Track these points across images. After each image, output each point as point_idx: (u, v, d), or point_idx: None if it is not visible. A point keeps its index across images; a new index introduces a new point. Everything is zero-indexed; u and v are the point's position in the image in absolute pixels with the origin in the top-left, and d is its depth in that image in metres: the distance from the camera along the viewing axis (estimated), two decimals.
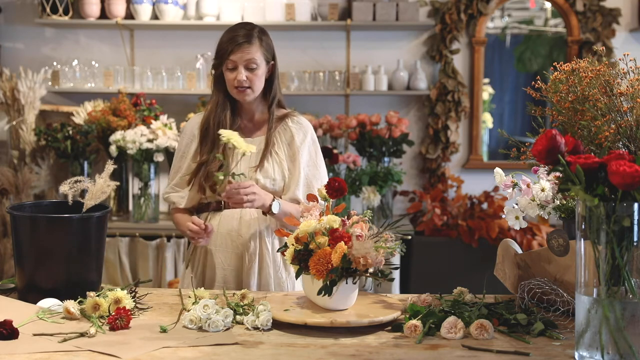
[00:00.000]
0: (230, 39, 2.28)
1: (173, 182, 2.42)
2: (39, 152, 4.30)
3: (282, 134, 2.36)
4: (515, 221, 1.94)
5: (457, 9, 4.56)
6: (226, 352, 1.54)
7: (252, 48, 2.27)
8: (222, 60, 2.30)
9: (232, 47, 2.26)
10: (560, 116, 1.73)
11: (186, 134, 2.42)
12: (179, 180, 2.40)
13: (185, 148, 2.40)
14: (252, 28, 2.32)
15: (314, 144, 2.40)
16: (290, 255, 1.82)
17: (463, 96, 4.55)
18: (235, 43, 2.26)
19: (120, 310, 1.71)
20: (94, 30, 4.69)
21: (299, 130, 2.37)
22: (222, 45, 2.30)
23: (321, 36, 4.63)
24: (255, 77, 2.29)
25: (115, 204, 4.31)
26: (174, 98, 4.60)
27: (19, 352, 1.52)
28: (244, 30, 2.30)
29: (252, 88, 2.30)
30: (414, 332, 1.65)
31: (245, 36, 2.28)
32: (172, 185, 2.42)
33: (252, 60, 2.27)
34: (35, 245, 1.90)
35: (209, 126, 2.34)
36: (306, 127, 2.39)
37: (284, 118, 2.39)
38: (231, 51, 2.26)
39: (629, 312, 1.41)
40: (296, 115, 2.41)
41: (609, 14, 4.53)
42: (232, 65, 2.28)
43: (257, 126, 2.40)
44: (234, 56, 2.27)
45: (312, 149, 2.39)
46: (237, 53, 2.26)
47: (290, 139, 2.35)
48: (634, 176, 1.35)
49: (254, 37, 2.28)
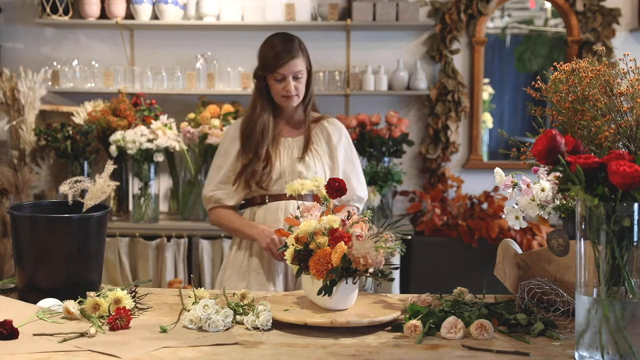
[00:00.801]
0: (277, 54, 2.49)
1: (217, 180, 2.61)
2: (39, 152, 4.30)
3: (320, 134, 2.63)
4: (515, 221, 1.94)
5: (457, 9, 4.56)
6: (226, 352, 1.54)
7: (298, 60, 2.50)
8: (270, 73, 2.51)
9: (281, 62, 2.48)
10: (560, 116, 1.73)
11: (228, 135, 2.65)
12: (223, 178, 2.60)
13: (228, 147, 2.62)
14: (294, 40, 2.54)
15: (348, 142, 2.67)
16: (290, 255, 1.82)
17: (463, 96, 4.55)
18: (283, 58, 2.48)
19: (120, 310, 1.71)
20: (94, 30, 4.69)
21: (335, 131, 2.65)
22: (269, 59, 2.50)
23: (321, 36, 4.63)
24: (301, 85, 2.54)
25: (115, 204, 4.31)
26: (174, 98, 4.60)
27: (19, 352, 1.52)
28: (289, 44, 2.51)
29: (299, 95, 2.55)
30: (414, 332, 1.65)
31: (292, 50, 2.50)
32: (217, 183, 2.61)
33: (299, 72, 2.52)
34: (35, 245, 1.90)
35: (253, 130, 2.55)
36: (341, 127, 2.68)
37: (320, 120, 2.66)
38: (280, 65, 2.48)
39: (629, 312, 1.41)
40: (331, 118, 2.69)
41: (609, 14, 4.53)
42: (281, 77, 2.50)
43: (295, 127, 2.64)
44: (283, 70, 2.49)
45: (347, 147, 2.66)
46: (285, 67, 2.48)
47: (328, 138, 2.62)
48: (634, 176, 1.35)
49: (298, 50, 2.51)
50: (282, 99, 2.54)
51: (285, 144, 2.60)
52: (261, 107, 2.57)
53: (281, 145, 2.60)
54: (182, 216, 4.29)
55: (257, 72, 2.57)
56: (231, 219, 2.60)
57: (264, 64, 2.53)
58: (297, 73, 2.51)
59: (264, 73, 2.53)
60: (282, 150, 2.59)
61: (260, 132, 2.55)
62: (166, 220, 4.30)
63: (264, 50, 2.56)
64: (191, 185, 4.26)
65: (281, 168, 2.56)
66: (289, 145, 2.60)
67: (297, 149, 2.59)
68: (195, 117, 4.21)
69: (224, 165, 2.61)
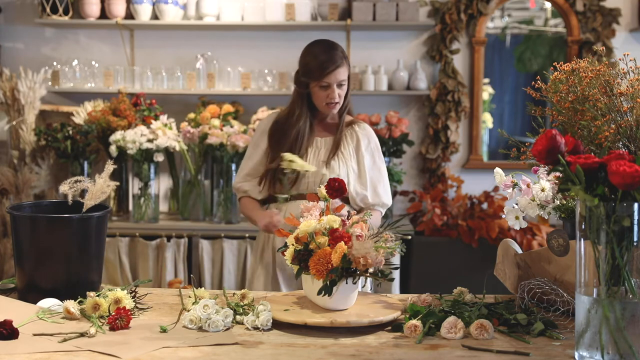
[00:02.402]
0: (323, 63, 2.51)
1: (245, 171, 2.67)
2: (39, 152, 4.30)
3: (349, 138, 2.65)
4: (515, 221, 1.94)
5: (457, 9, 4.56)
6: (226, 352, 1.54)
7: (342, 69, 2.54)
8: (315, 81, 2.53)
9: (327, 71, 2.51)
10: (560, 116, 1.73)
11: (260, 128, 2.70)
12: (251, 170, 2.67)
13: (258, 140, 2.68)
14: (336, 47, 2.56)
15: (377, 148, 2.69)
16: (290, 255, 1.82)
17: (463, 96, 4.55)
18: (329, 67, 2.51)
19: (120, 310, 1.71)
20: (94, 30, 4.69)
21: (365, 136, 2.66)
22: (314, 67, 2.52)
23: (321, 36, 4.56)
24: (343, 92, 2.58)
25: (115, 204, 4.31)
26: (174, 98, 4.60)
27: (19, 352, 1.52)
28: (332, 52, 2.54)
29: (340, 102, 2.59)
30: (414, 332, 1.65)
31: (336, 59, 2.52)
32: (245, 175, 2.67)
33: (343, 80, 2.55)
34: (35, 245, 1.89)
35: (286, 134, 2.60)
36: (370, 133, 2.69)
37: (351, 124, 2.68)
38: (326, 74, 2.51)
39: (629, 312, 1.41)
40: (362, 123, 2.71)
41: (609, 14, 4.53)
42: (326, 85, 2.53)
43: (326, 128, 2.68)
44: (328, 78, 2.52)
45: (375, 153, 2.68)
46: (331, 75, 2.52)
47: (357, 143, 2.64)
48: (634, 176, 1.35)
49: (342, 58, 2.54)
50: (324, 106, 2.58)
51: (314, 143, 2.63)
52: (300, 112, 2.60)
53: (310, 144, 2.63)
54: (182, 216, 4.29)
55: (299, 78, 2.59)
56: (248, 207, 2.65)
57: (308, 71, 2.55)
58: (341, 82, 2.55)
59: (309, 80, 2.56)
60: (309, 150, 2.61)
61: (295, 137, 2.58)
62: (166, 220, 4.30)
63: (308, 58, 2.57)
64: (191, 185, 4.26)
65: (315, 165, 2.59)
66: (317, 146, 2.63)
67: (325, 150, 2.62)
68: (195, 117, 4.21)
69: (253, 157, 2.67)
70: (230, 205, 4.15)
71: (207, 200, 4.26)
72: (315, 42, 2.61)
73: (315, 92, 2.56)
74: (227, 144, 4.06)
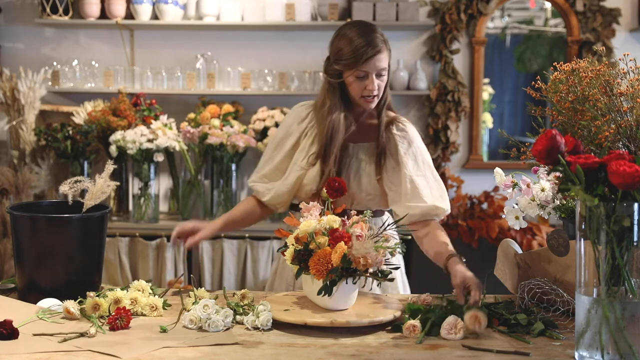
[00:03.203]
0: (360, 48, 2.09)
1: (263, 172, 2.30)
2: (39, 152, 4.30)
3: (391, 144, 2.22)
4: (515, 221, 1.94)
5: (457, 9, 4.56)
6: (226, 352, 1.54)
7: (382, 55, 2.11)
8: (350, 68, 2.12)
9: (365, 57, 2.08)
10: (560, 116, 1.73)
11: (285, 125, 2.30)
12: (269, 172, 2.29)
13: (281, 140, 2.29)
14: (375, 30, 2.14)
15: (418, 150, 2.23)
16: (290, 255, 1.82)
17: (463, 96, 4.55)
18: (367, 53, 2.09)
19: (120, 310, 1.71)
20: (94, 30, 4.68)
21: (403, 139, 2.22)
22: (349, 53, 2.10)
23: (321, 36, 4.61)
24: (383, 83, 2.16)
25: (115, 204, 4.31)
26: (174, 98, 4.59)
27: (19, 352, 1.52)
28: (371, 35, 2.11)
29: (379, 95, 2.17)
30: (413, 332, 1.65)
31: (377, 43, 2.10)
32: (261, 176, 2.31)
33: (383, 68, 2.13)
34: (35, 245, 1.90)
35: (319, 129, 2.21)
36: (411, 135, 2.24)
37: (390, 125, 2.24)
38: (364, 60, 2.09)
39: (629, 312, 1.41)
40: (401, 122, 2.26)
41: (609, 14, 4.53)
42: (363, 75, 2.12)
43: (363, 131, 2.24)
44: (367, 66, 2.10)
45: (417, 157, 2.22)
46: (370, 63, 2.10)
47: (394, 149, 2.20)
48: (634, 176, 1.35)
49: (382, 42, 2.12)
50: (361, 100, 2.15)
51: (350, 150, 2.22)
52: (331, 105, 2.18)
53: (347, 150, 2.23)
54: (182, 216, 4.29)
55: (330, 66, 2.18)
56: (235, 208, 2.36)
57: (341, 58, 2.12)
58: (381, 71, 2.12)
59: (344, 68, 2.13)
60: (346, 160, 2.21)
61: (330, 133, 2.16)
62: (166, 220, 4.29)
63: (341, 42, 2.14)
64: (191, 185, 4.26)
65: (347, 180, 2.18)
66: (354, 153, 2.23)
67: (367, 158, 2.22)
68: (195, 117, 4.21)
69: (274, 159, 2.28)
70: (230, 206, 4.14)
71: (207, 200, 4.26)
72: (350, 24, 2.18)
73: (350, 82, 2.14)
74: (227, 144, 4.06)
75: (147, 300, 1.82)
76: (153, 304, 1.82)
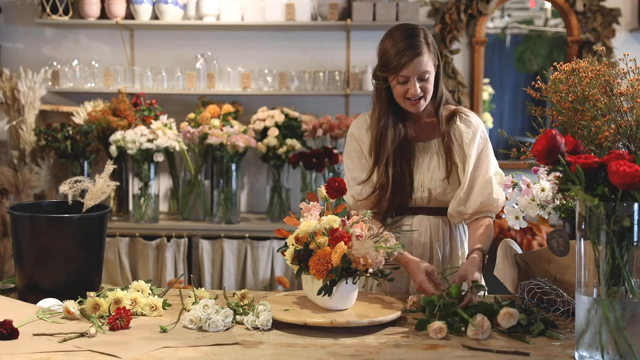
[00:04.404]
0: (399, 53, 2.08)
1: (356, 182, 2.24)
2: (39, 152, 4.30)
3: (452, 135, 2.21)
4: (515, 221, 1.94)
5: (457, 9, 4.55)
6: (226, 352, 1.54)
7: (423, 58, 2.09)
8: (391, 74, 2.12)
9: (403, 61, 2.08)
10: (560, 116, 1.73)
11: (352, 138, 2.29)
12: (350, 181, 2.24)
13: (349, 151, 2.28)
14: (418, 34, 2.12)
15: (483, 141, 2.22)
16: (290, 255, 1.82)
17: (463, 96, 4.55)
18: (407, 57, 2.07)
19: (120, 310, 1.71)
20: (94, 30, 4.68)
21: (468, 130, 2.21)
22: (390, 58, 2.10)
23: (321, 36, 4.63)
24: (428, 85, 2.14)
25: (115, 204, 4.31)
26: (174, 98, 4.59)
27: (19, 352, 1.52)
28: (412, 39, 2.10)
29: (425, 97, 2.16)
30: (439, 333, 1.64)
31: (416, 46, 2.08)
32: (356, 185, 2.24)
33: (425, 71, 2.11)
34: (35, 245, 1.90)
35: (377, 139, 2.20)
36: (476, 125, 2.22)
37: (452, 117, 2.23)
38: (403, 65, 2.08)
39: (629, 312, 1.41)
40: (464, 112, 2.25)
41: (609, 14, 4.52)
42: (404, 80, 2.11)
43: (427, 129, 2.25)
44: (407, 71, 2.09)
45: (480, 146, 2.21)
46: (409, 67, 2.08)
47: (461, 139, 2.20)
48: (634, 176, 1.35)
49: (423, 45, 2.10)
50: (406, 103, 2.15)
51: (419, 149, 2.23)
52: (380, 110, 2.20)
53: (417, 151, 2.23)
54: (182, 216, 4.29)
55: (375, 72, 2.19)
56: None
57: (383, 63, 2.13)
58: (423, 74, 2.10)
59: (386, 74, 2.13)
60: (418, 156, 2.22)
61: (379, 140, 2.19)
62: (166, 220, 4.29)
63: (385, 47, 2.14)
64: (191, 185, 4.26)
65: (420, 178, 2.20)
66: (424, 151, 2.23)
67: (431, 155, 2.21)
68: (195, 117, 4.21)
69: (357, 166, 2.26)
70: (230, 206, 4.15)
71: (207, 200, 4.26)
72: (395, 28, 2.15)
73: (394, 86, 2.14)
74: (227, 144, 4.06)
75: (147, 300, 1.82)
76: (153, 304, 1.82)
